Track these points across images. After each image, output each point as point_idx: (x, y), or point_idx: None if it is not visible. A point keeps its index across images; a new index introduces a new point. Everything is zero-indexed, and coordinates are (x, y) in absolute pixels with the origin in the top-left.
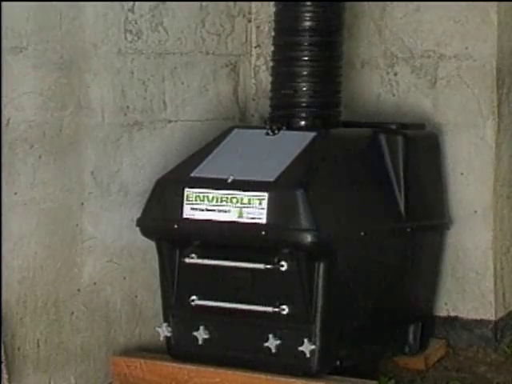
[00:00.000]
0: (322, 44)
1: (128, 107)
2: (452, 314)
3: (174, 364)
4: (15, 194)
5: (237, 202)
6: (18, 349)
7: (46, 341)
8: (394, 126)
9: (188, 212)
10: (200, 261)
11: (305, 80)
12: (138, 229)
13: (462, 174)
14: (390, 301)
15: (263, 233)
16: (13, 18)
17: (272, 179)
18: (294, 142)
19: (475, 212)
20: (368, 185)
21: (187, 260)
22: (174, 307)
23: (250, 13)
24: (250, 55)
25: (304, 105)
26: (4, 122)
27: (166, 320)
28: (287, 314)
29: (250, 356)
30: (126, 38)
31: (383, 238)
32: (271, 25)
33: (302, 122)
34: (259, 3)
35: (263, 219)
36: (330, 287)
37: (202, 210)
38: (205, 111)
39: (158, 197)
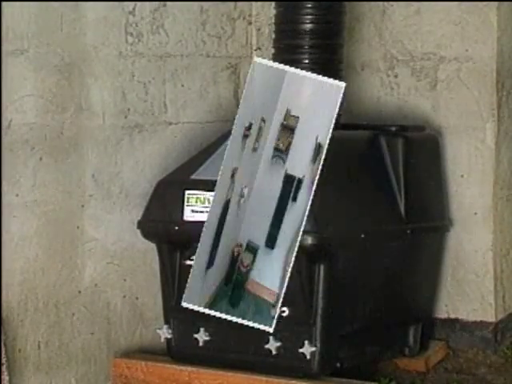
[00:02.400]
0: (323, 46)
1: (129, 109)
2: (452, 315)
3: (175, 366)
4: (16, 195)
5: None
6: (19, 350)
7: (47, 342)
8: (394, 129)
9: (188, 214)
10: None
11: None
12: (138, 231)
13: (461, 176)
14: (390, 302)
15: None
16: (14, 20)
17: None
18: None
19: (475, 214)
20: (368, 187)
21: (188, 262)
22: (175, 309)
23: (250, 15)
24: (250, 57)
25: None
26: (5, 124)
27: (166, 322)
28: (288, 316)
29: (250, 358)
30: (126, 41)
31: (383, 240)
32: (272, 27)
33: None
34: (260, 5)
35: None
36: (331, 289)
37: (203, 212)
38: (205, 113)
39: (158, 199)
